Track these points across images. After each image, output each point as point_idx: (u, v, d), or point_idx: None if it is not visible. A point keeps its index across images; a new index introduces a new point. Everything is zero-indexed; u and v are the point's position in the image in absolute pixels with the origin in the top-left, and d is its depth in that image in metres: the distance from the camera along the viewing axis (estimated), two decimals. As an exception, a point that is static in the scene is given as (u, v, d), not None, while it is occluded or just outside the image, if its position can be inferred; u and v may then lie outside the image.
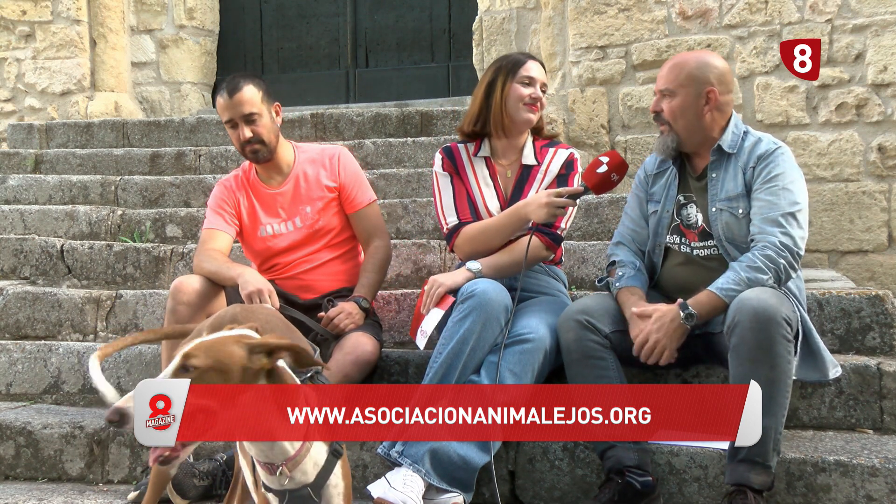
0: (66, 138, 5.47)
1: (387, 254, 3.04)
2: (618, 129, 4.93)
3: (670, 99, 2.54)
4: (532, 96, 2.78)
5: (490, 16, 5.54)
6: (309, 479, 1.77)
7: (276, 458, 1.72)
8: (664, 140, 2.58)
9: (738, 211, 2.49)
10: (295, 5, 6.52)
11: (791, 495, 2.37)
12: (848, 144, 4.47)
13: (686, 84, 2.52)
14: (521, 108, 2.78)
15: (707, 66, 2.54)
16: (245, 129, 2.90)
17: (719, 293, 2.33)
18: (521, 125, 2.82)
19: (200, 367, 1.58)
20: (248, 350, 1.64)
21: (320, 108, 5.51)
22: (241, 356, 1.62)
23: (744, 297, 2.27)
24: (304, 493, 1.77)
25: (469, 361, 2.48)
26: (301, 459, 1.73)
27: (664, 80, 2.56)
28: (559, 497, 2.54)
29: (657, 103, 2.58)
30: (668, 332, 2.36)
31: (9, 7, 6.14)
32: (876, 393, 2.63)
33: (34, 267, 4.01)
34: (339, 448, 1.82)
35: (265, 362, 1.64)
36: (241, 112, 2.89)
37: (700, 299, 2.36)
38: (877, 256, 4.45)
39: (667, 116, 2.55)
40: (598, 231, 3.81)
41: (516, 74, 2.78)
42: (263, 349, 1.65)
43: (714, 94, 2.52)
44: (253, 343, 1.65)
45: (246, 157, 2.97)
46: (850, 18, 4.45)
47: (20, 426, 2.91)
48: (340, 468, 1.82)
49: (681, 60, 2.58)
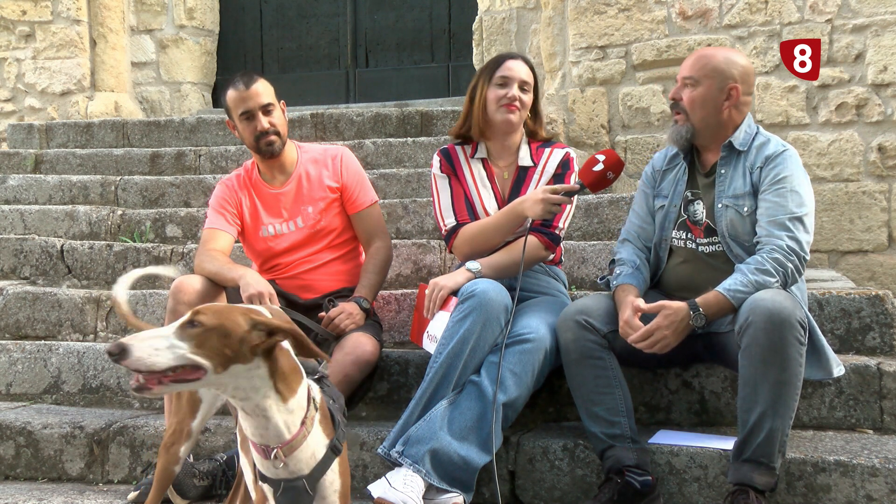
0: (66, 138, 5.47)
1: (388, 255, 3.05)
2: (618, 129, 4.93)
3: (692, 88, 2.53)
4: (507, 96, 2.74)
5: (490, 16, 5.54)
6: (305, 470, 1.77)
7: (272, 440, 1.74)
8: (678, 129, 2.57)
9: (744, 209, 2.49)
10: (295, 5, 6.53)
11: (791, 495, 2.37)
12: (848, 144, 4.47)
13: (711, 76, 2.51)
14: (498, 110, 2.75)
15: (733, 63, 2.53)
16: (262, 120, 2.90)
17: (727, 295, 2.32)
18: (500, 126, 2.79)
19: (206, 324, 1.65)
20: (251, 324, 1.69)
21: (320, 108, 5.51)
22: (244, 327, 1.68)
23: (758, 297, 2.26)
24: (299, 484, 1.78)
25: (469, 361, 2.48)
26: (297, 445, 1.75)
27: (689, 69, 2.55)
28: (559, 497, 2.54)
29: (677, 91, 2.57)
30: (675, 330, 2.35)
31: (9, 7, 6.14)
32: (876, 393, 2.63)
33: (34, 267, 4.01)
34: (338, 445, 1.83)
35: (264, 340, 1.69)
36: (259, 103, 2.90)
37: (708, 299, 2.34)
38: (877, 256, 4.45)
39: (685, 105, 2.54)
40: (598, 231, 3.81)
41: (493, 76, 2.77)
42: (265, 327, 1.70)
43: (737, 90, 2.51)
44: (257, 319, 1.71)
45: (260, 150, 2.96)
46: (850, 18, 4.45)
47: (20, 426, 2.91)
48: (338, 465, 1.83)
49: (709, 52, 2.58)
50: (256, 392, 1.70)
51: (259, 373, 1.69)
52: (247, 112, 2.91)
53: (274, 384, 1.71)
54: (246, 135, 2.96)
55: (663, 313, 2.36)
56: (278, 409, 1.72)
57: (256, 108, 2.90)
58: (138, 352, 1.60)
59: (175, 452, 2.31)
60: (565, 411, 2.78)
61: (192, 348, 1.63)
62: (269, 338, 1.70)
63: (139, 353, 1.60)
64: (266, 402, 1.71)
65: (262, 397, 1.70)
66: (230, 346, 1.66)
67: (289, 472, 1.77)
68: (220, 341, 1.65)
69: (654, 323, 2.36)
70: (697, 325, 2.35)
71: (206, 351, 1.64)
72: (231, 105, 2.95)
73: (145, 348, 1.61)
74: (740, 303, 2.31)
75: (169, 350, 1.62)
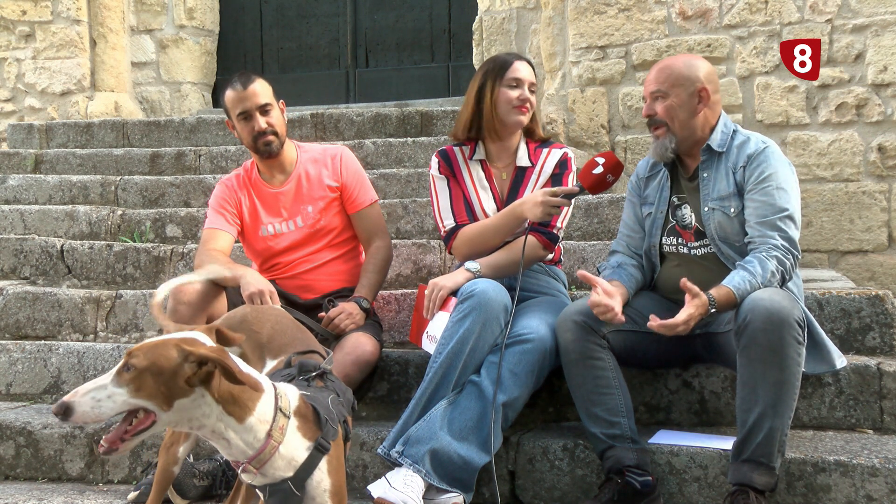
0: (66, 138, 5.47)
1: (388, 254, 3.05)
2: (618, 129, 4.93)
3: (663, 100, 2.54)
4: (520, 98, 2.77)
5: (490, 16, 5.54)
6: (286, 475, 1.76)
7: (238, 456, 1.74)
8: (662, 143, 2.57)
9: (730, 210, 2.50)
10: (295, 5, 6.52)
11: (791, 495, 2.37)
12: (848, 144, 4.47)
13: (678, 83, 2.52)
14: (511, 112, 2.78)
15: (695, 66, 2.55)
16: (260, 120, 2.91)
17: (736, 292, 2.31)
18: (512, 127, 2.82)
19: (138, 366, 1.66)
20: (182, 356, 1.68)
21: (320, 108, 5.51)
22: (176, 361, 1.68)
23: (755, 297, 2.26)
24: (285, 487, 1.77)
25: (469, 361, 2.48)
26: (266, 458, 1.74)
27: (654, 83, 2.55)
28: (559, 497, 2.54)
29: (650, 107, 2.58)
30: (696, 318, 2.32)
31: (9, 7, 6.14)
32: (876, 393, 2.63)
33: (34, 267, 4.01)
34: (324, 443, 1.80)
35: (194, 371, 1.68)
36: (257, 103, 2.91)
37: (721, 294, 2.32)
38: (877, 256, 4.45)
39: (662, 117, 2.55)
40: (598, 231, 3.81)
41: (504, 77, 2.78)
42: (195, 358, 1.69)
43: (706, 91, 2.53)
44: (186, 350, 1.69)
45: (258, 150, 2.96)
46: (850, 18, 4.45)
47: (20, 426, 2.91)
48: (327, 464, 1.80)
49: (668, 63, 2.59)
50: (208, 418, 1.70)
51: (206, 401, 1.69)
52: (244, 112, 2.92)
53: (224, 409, 1.71)
54: (244, 135, 2.96)
55: (695, 303, 2.30)
56: (235, 430, 1.72)
57: (254, 108, 2.91)
58: (80, 407, 1.62)
59: (174, 452, 2.31)
60: (565, 411, 2.78)
61: (130, 393, 1.65)
62: (200, 368, 1.68)
63: (81, 408, 1.62)
64: (220, 427, 1.71)
65: (215, 422, 1.71)
66: (165, 384, 1.66)
67: (270, 478, 1.77)
68: (154, 380, 1.65)
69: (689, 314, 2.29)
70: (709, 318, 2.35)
71: (146, 392, 1.65)
72: (229, 105, 2.96)
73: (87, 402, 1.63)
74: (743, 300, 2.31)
75: (109, 399, 1.64)
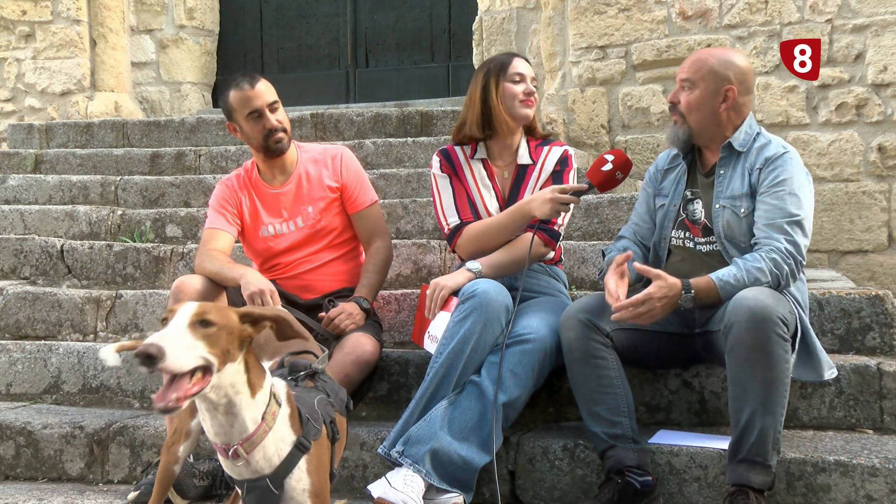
0: (66, 138, 5.47)
1: (388, 254, 3.05)
2: (618, 129, 4.93)
3: (689, 91, 2.53)
4: (525, 91, 2.81)
5: (490, 16, 5.54)
6: (267, 469, 1.74)
7: (234, 437, 1.71)
8: (675, 131, 2.58)
9: (741, 210, 2.49)
10: (295, 5, 6.53)
11: (791, 495, 2.37)
12: (848, 144, 4.47)
13: (706, 78, 2.51)
14: (518, 105, 2.81)
15: (729, 65, 2.52)
16: (271, 118, 2.92)
17: (717, 283, 2.33)
18: (520, 121, 2.84)
19: (218, 323, 1.61)
20: (239, 316, 1.69)
21: (320, 108, 5.51)
22: (237, 322, 1.68)
23: (740, 297, 2.26)
24: (263, 484, 1.74)
25: (469, 362, 2.48)
26: (258, 441, 1.72)
27: (686, 71, 2.55)
28: (559, 497, 2.54)
29: (675, 93, 2.58)
30: (664, 305, 2.32)
31: (9, 7, 6.14)
32: (876, 393, 2.63)
33: (34, 267, 4.01)
34: (305, 442, 1.79)
35: (251, 331, 1.69)
36: (266, 101, 2.92)
37: (700, 283, 2.34)
38: (877, 256, 4.45)
39: (682, 108, 2.55)
40: (598, 231, 3.81)
41: (506, 74, 2.81)
42: (249, 318, 1.70)
43: (732, 92, 2.51)
44: (240, 311, 1.70)
45: (269, 148, 2.95)
46: (850, 18, 4.45)
47: (20, 426, 2.91)
48: (306, 464, 1.78)
49: (706, 54, 2.58)
50: (232, 388, 1.67)
51: (239, 368, 1.68)
52: (255, 111, 2.91)
53: (248, 378, 1.70)
54: (254, 134, 2.94)
55: (657, 283, 2.32)
56: (247, 403, 1.69)
57: (264, 106, 2.91)
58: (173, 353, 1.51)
59: (175, 452, 2.31)
60: (565, 411, 2.78)
61: (207, 348, 1.58)
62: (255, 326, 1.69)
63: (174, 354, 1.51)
64: (238, 398, 1.68)
65: (235, 393, 1.68)
66: (231, 343, 1.64)
67: (251, 471, 1.74)
68: (227, 340, 1.63)
69: (647, 292, 2.32)
70: (685, 306, 2.34)
71: (217, 349, 1.60)
72: (236, 106, 2.94)
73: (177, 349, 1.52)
74: (727, 295, 2.31)
75: (189, 351, 1.56)
